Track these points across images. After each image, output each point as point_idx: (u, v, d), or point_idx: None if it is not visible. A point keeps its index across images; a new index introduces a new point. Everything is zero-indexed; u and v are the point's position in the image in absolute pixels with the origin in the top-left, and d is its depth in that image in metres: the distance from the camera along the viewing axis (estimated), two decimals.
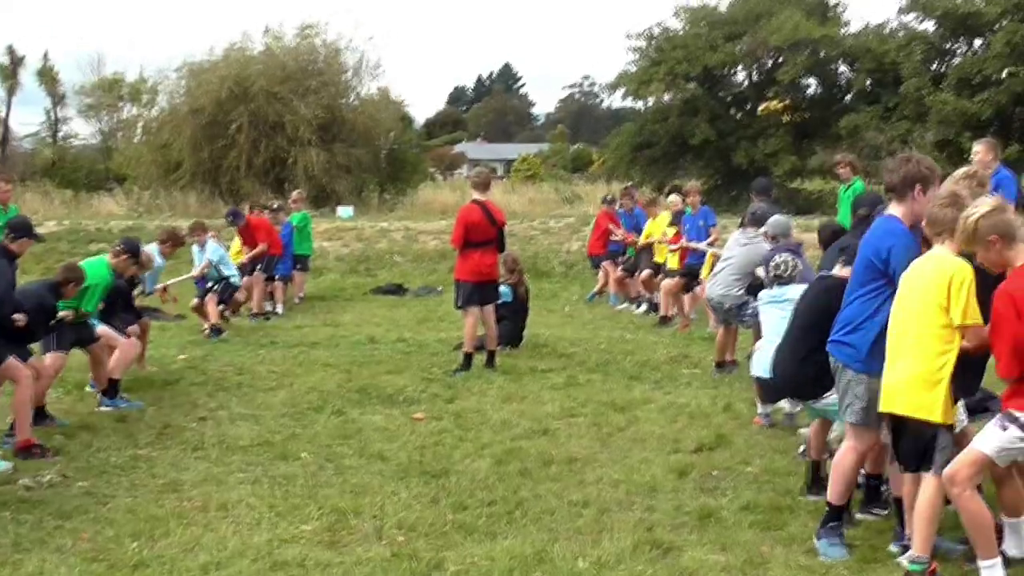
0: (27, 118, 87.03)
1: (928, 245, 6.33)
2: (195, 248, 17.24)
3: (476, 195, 13.72)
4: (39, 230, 12.33)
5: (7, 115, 60.29)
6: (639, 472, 8.68)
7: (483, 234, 13.46)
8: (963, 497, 5.97)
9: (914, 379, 6.06)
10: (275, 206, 20.74)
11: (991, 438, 6.00)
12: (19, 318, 9.61)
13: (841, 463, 6.86)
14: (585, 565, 6.59)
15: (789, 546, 6.92)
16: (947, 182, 6.92)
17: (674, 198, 18.27)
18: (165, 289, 16.22)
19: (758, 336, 10.63)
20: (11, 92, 60.15)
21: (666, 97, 43.11)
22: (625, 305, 19.95)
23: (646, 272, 18.79)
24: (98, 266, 11.60)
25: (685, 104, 42.39)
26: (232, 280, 17.00)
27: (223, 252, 17.35)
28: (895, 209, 6.65)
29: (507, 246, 14.48)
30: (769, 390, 9.62)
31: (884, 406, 6.26)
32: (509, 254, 15.34)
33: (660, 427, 10.32)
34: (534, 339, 15.66)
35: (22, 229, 10.31)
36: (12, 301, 9.68)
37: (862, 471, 7.35)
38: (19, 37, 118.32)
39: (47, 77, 61.70)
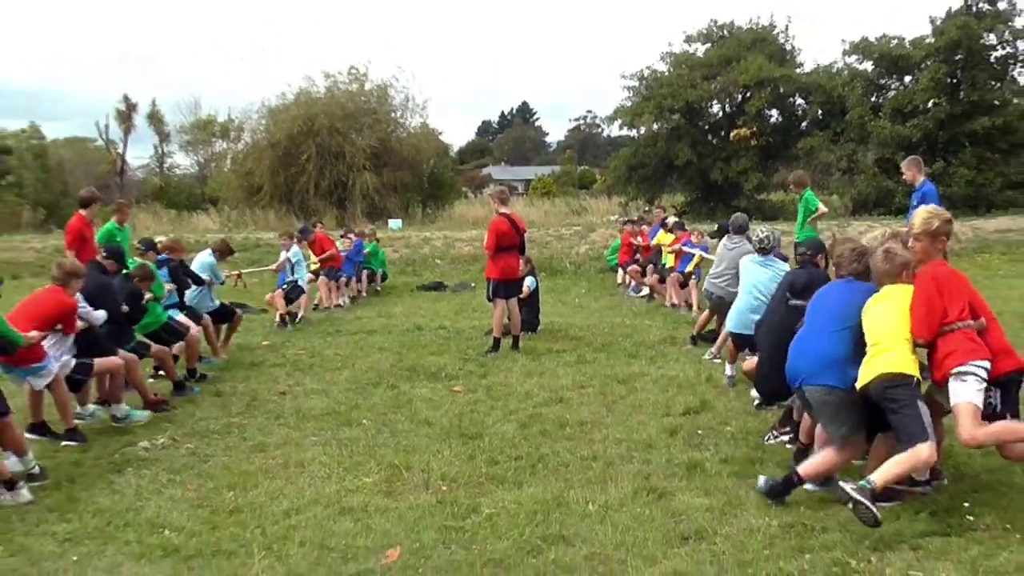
0: (139, 153, 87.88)
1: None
2: (283, 252, 17.50)
3: (502, 209, 13.69)
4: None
5: (124, 151, 60.60)
6: (637, 432, 8.66)
7: (509, 240, 13.47)
8: (998, 442, 6.14)
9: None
10: (356, 230, 22.55)
11: (963, 390, 6.04)
12: (124, 309, 10.25)
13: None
14: (595, 508, 6.57)
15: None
16: (878, 241, 7.11)
17: (671, 219, 19.79)
18: (240, 275, 16.71)
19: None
20: (127, 132, 60.47)
21: (655, 126, 43.03)
22: (644, 292, 20.05)
23: (655, 275, 19.29)
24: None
25: (670, 132, 42.31)
26: (300, 283, 17.14)
27: (301, 256, 17.57)
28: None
29: (527, 249, 14.47)
30: (744, 345, 9.91)
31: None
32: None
33: (654, 395, 10.29)
34: (550, 325, 15.63)
35: (117, 256, 11.19)
36: (117, 305, 10.16)
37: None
38: (133, 88, 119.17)
39: (155, 119, 61.97)
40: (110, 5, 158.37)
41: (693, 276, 17.20)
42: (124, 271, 11.17)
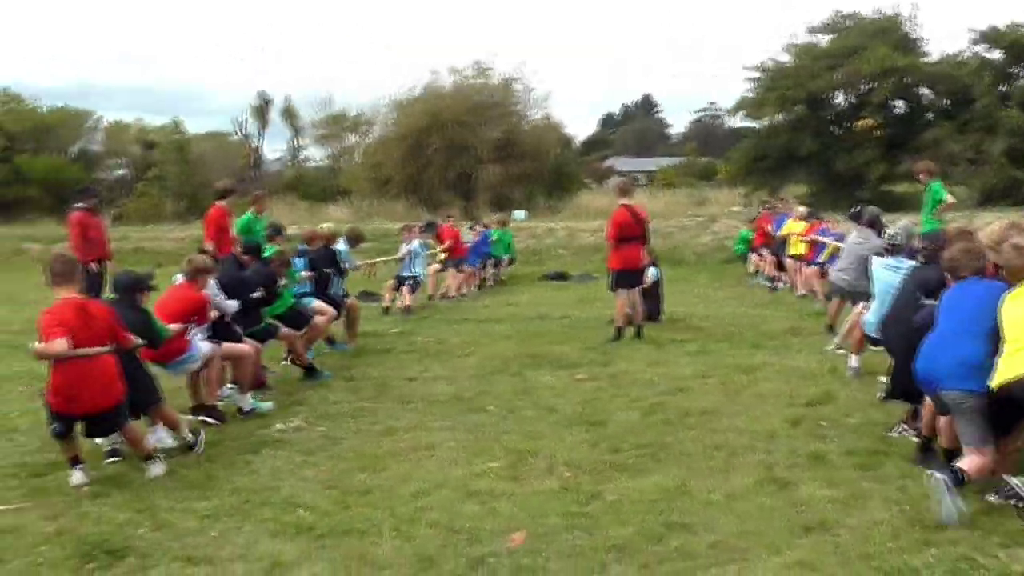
0: (274, 146, 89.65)
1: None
2: (403, 245, 17.72)
3: (622, 200, 13.61)
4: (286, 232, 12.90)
5: (260, 145, 62.08)
6: (760, 422, 8.53)
7: (630, 231, 13.40)
8: None
9: None
10: (484, 221, 23.14)
11: None
12: (258, 294, 10.65)
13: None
14: (717, 497, 6.50)
15: (884, 483, 6.72)
16: (997, 234, 6.63)
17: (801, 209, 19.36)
18: (374, 265, 17.12)
19: None
20: (263, 127, 61.87)
21: (778, 117, 42.35)
22: (769, 283, 19.72)
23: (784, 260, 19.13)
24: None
25: (793, 123, 41.54)
26: (419, 276, 17.44)
27: (420, 249, 17.79)
28: None
29: (650, 240, 14.35)
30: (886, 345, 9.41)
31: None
32: None
33: (777, 386, 10.12)
34: (672, 315, 15.51)
35: (254, 251, 11.36)
36: (249, 297, 10.48)
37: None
38: (268, 84, 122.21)
39: (290, 115, 63.11)
40: (249, 6, 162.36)
41: (826, 265, 16.68)
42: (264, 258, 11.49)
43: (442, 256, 19.33)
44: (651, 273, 14.98)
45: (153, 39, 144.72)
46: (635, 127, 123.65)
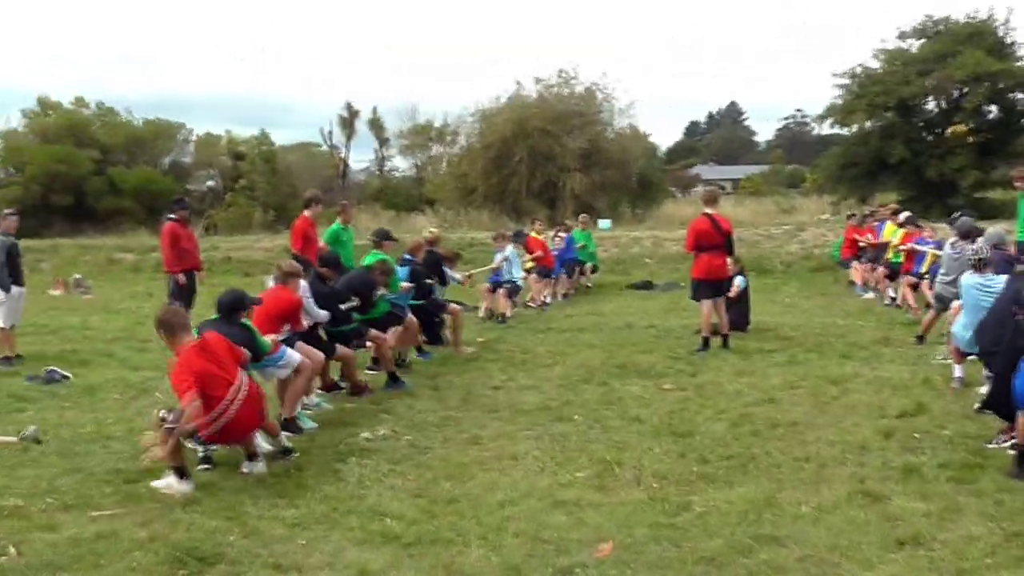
0: (360, 156, 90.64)
1: None
2: (497, 253, 17.87)
3: (706, 209, 13.54)
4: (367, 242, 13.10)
5: (346, 155, 62.76)
6: (851, 434, 8.42)
7: (711, 240, 13.28)
8: None
9: None
10: (565, 223, 23.00)
11: None
12: (355, 301, 10.97)
13: None
14: (807, 510, 6.43)
15: (980, 497, 6.60)
16: None
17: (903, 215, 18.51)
18: (471, 276, 17.06)
19: None
20: (349, 137, 62.52)
21: (867, 124, 41.70)
22: (871, 295, 19.22)
23: (880, 270, 18.67)
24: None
25: (883, 129, 40.86)
26: (517, 281, 17.50)
27: (515, 255, 17.90)
28: None
29: (736, 249, 14.23)
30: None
31: None
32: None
33: (868, 397, 9.98)
34: (760, 325, 15.35)
35: (332, 264, 11.32)
36: (337, 305, 10.68)
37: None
38: (354, 95, 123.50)
39: (375, 125, 63.68)
40: (341, 20, 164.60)
41: (927, 275, 16.21)
42: (365, 266, 11.79)
43: (529, 265, 19.38)
44: (738, 282, 14.89)
45: (241, 49, 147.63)
46: (721, 135, 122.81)
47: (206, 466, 7.82)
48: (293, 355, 9.18)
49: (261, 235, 36.85)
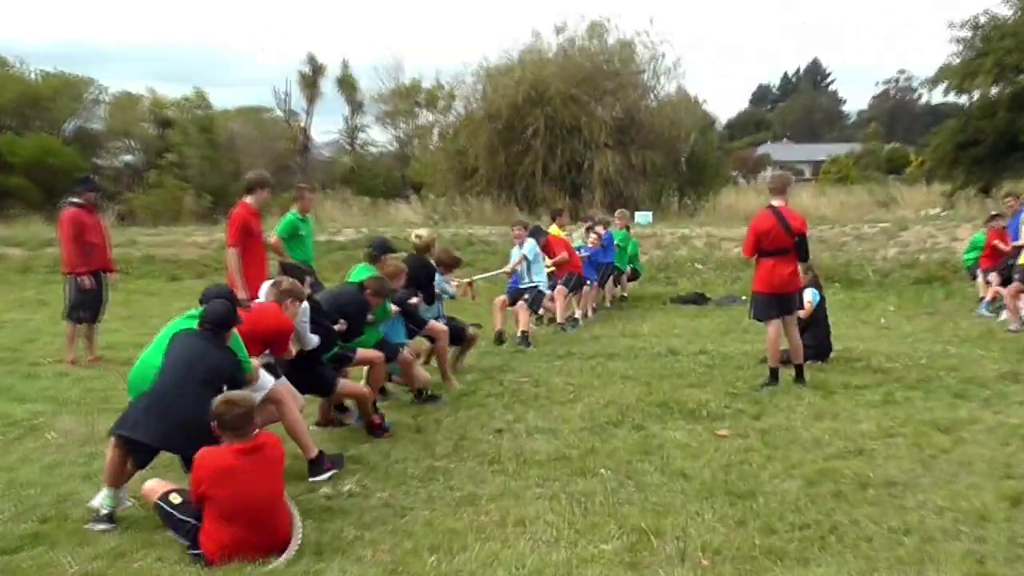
0: (326, 126, 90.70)
1: None
2: (515, 249, 17.90)
3: (773, 200, 13.46)
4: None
5: (308, 124, 62.77)
6: (966, 498, 8.35)
7: (777, 242, 13.20)
8: None
9: None
10: (599, 218, 22.27)
11: None
12: (342, 324, 11.09)
13: None
14: None
15: None
16: None
17: None
18: (471, 284, 17.16)
19: None
20: (311, 100, 62.59)
21: (993, 91, 41.37)
22: (1004, 316, 19.07)
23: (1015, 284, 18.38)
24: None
25: (1014, 98, 40.55)
26: (540, 287, 17.55)
27: (539, 252, 17.88)
28: None
29: (813, 253, 14.18)
30: None
31: None
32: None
33: (989, 450, 9.91)
34: (846, 353, 15.32)
35: (294, 273, 11.45)
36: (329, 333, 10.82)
37: None
38: (319, 46, 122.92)
39: (346, 85, 63.85)
40: None
41: None
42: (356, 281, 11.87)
43: (549, 269, 19.33)
44: (809, 296, 14.78)
45: None
46: (799, 103, 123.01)
47: (108, 525, 7.85)
48: (265, 378, 9.20)
49: (194, 227, 36.87)
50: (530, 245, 17.80)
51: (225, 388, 7.92)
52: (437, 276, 14.46)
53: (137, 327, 18.10)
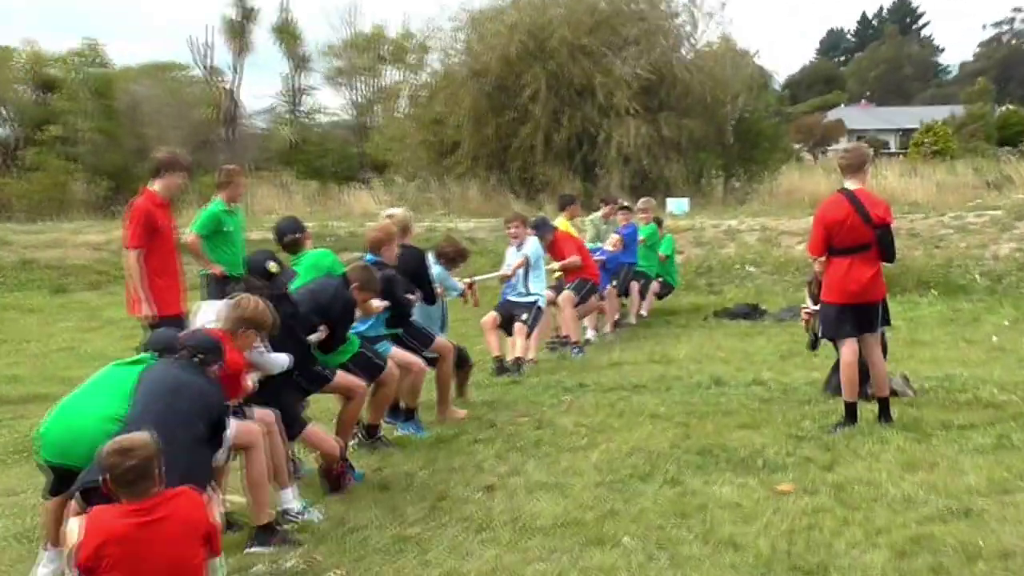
0: (260, 89, 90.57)
1: None
2: (511, 249, 17.97)
3: (847, 182, 13.41)
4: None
5: (236, 84, 62.37)
6: None
7: (853, 237, 13.13)
8: None
9: None
10: (619, 202, 22.78)
11: None
12: (322, 331, 11.28)
13: None
14: None
15: None
16: None
17: None
18: (472, 286, 16.97)
19: None
20: (240, 54, 62.22)
21: None
22: None
23: None
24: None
25: None
26: (540, 302, 17.52)
27: (541, 254, 17.90)
28: None
29: (901, 250, 14.17)
30: None
31: None
32: None
33: None
34: (946, 382, 15.35)
35: (259, 272, 11.56)
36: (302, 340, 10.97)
37: None
38: None
39: (286, 35, 63.69)
40: None
41: None
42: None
43: (557, 275, 19.33)
44: None
45: None
46: (882, 54, 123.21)
47: None
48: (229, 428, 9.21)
49: (87, 222, 36.81)
50: (533, 245, 17.73)
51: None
52: (437, 269, 14.48)
53: (9, 355, 18.08)
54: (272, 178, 46.62)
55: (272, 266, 11.32)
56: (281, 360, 10.36)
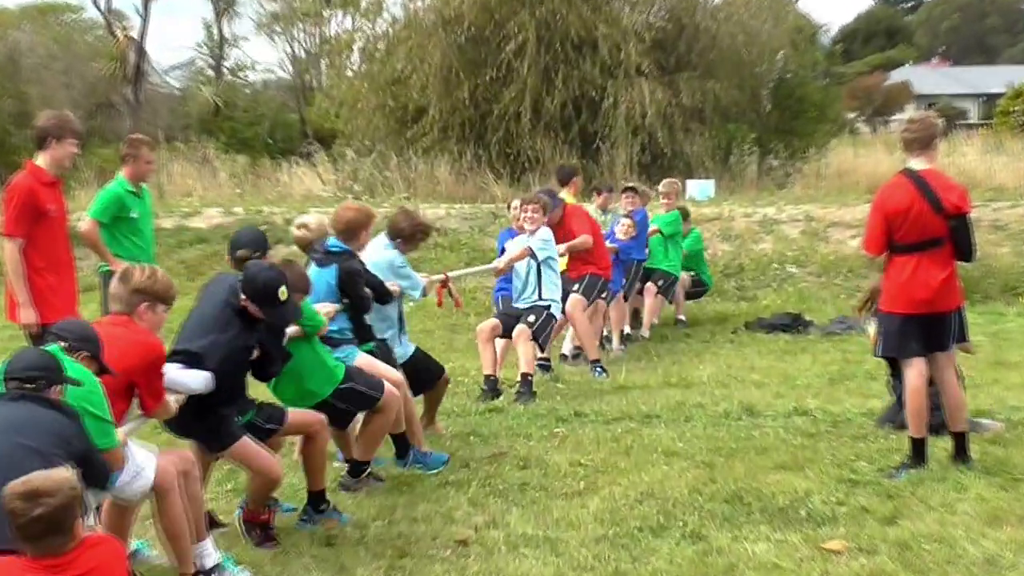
0: (175, 39, 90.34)
1: None
2: (513, 238, 18.07)
3: (912, 161, 13.39)
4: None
5: (143, 35, 62.43)
6: None
7: (921, 230, 13.06)
8: None
9: None
10: (635, 186, 22.51)
11: None
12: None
13: None
14: None
15: None
16: None
17: None
18: (446, 283, 16.71)
19: None
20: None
21: None
22: None
23: None
24: None
25: None
26: (553, 307, 17.40)
27: (552, 243, 17.69)
28: None
29: (982, 247, 14.14)
30: None
31: None
32: None
33: None
34: None
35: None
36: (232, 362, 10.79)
37: None
38: None
39: None
40: None
41: None
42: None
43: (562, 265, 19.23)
44: (872, 327, 14.78)
45: None
46: (958, 1, 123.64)
47: None
48: (139, 459, 9.19)
49: None
50: (542, 231, 17.46)
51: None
52: (390, 256, 14.37)
53: None
54: (190, 151, 46.53)
55: (283, 291, 11.12)
56: (196, 378, 10.28)
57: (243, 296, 10.75)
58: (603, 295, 19.81)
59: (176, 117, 57.46)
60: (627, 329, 21.91)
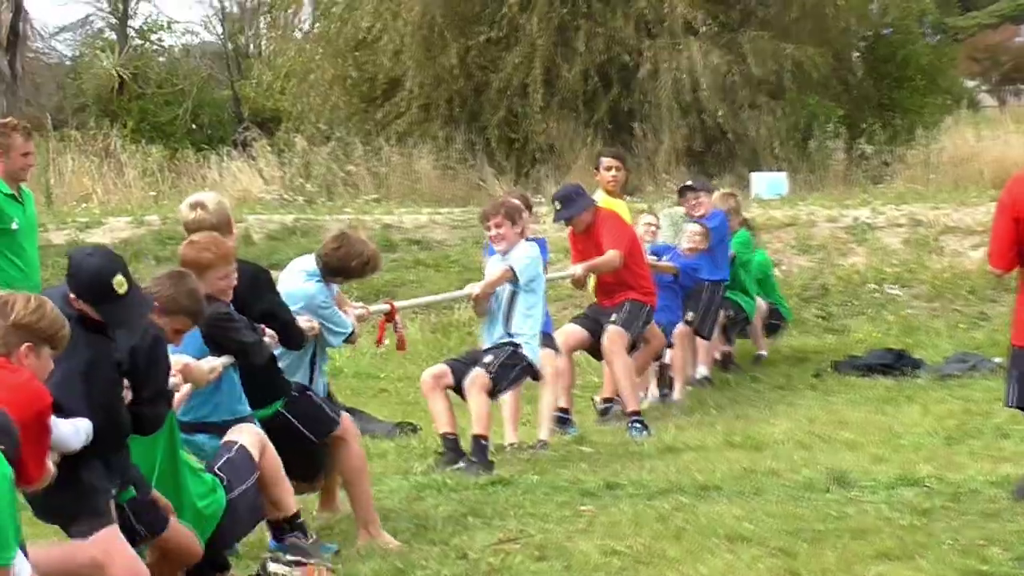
0: None
1: None
2: (486, 253, 17.88)
3: None
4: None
5: None
6: None
7: None
8: None
9: None
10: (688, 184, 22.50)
11: None
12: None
13: None
14: None
15: None
16: None
17: None
18: (391, 317, 16.49)
19: None
20: None
21: None
22: None
23: None
24: None
25: None
26: (524, 347, 17.15)
27: (541, 269, 17.60)
28: None
29: None
30: None
31: None
32: None
33: None
34: None
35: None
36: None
37: None
38: None
39: None
40: None
41: None
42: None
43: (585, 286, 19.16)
44: None
45: None
46: None
47: None
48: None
49: None
50: (526, 253, 17.27)
51: None
52: (314, 288, 14.32)
53: None
54: (87, 141, 46.49)
55: (119, 281, 11.02)
56: (77, 431, 10.16)
57: (72, 296, 10.70)
58: (645, 328, 19.50)
59: (67, 95, 57.57)
60: (705, 371, 21.88)
